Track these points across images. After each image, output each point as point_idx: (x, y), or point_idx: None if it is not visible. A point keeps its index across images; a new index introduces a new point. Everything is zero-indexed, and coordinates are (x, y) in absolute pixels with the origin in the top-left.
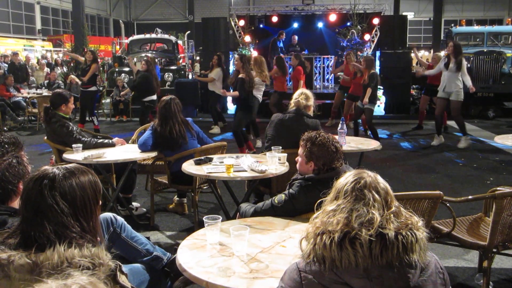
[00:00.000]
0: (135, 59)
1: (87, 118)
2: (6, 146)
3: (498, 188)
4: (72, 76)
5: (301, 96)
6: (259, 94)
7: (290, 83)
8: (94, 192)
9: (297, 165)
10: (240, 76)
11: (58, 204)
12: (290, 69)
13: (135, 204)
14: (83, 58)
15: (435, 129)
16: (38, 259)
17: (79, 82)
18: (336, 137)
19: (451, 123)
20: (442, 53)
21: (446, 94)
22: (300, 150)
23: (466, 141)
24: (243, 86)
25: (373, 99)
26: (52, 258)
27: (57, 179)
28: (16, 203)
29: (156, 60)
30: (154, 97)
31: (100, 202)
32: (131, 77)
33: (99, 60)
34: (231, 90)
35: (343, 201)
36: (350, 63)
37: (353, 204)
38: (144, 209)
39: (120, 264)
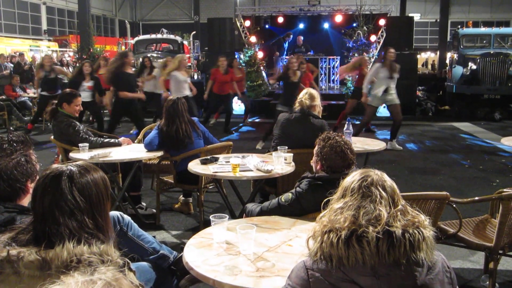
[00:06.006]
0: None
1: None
2: (15, 144)
3: (504, 190)
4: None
5: (305, 96)
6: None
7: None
8: (105, 188)
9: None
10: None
11: (76, 200)
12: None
13: (144, 203)
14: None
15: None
16: (48, 256)
17: None
18: (346, 138)
19: (459, 124)
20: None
21: None
22: (315, 147)
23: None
24: None
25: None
26: (61, 255)
27: (75, 176)
28: (24, 201)
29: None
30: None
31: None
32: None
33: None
34: None
35: (350, 199)
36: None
37: (360, 202)
38: (154, 210)
39: (129, 261)
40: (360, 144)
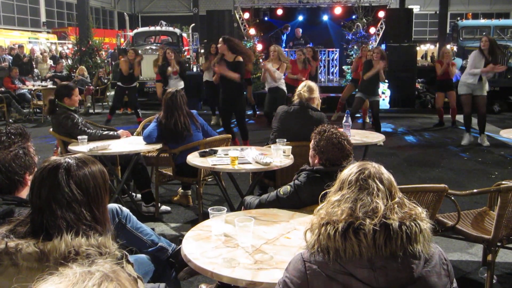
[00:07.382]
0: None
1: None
2: (13, 137)
3: (503, 182)
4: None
5: (304, 88)
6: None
7: None
8: (103, 181)
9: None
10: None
11: (73, 192)
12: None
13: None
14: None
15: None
16: (46, 248)
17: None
18: (341, 130)
19: (458, 117)
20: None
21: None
22: (311, 141)
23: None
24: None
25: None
26: (59, 247)
27: (72, 168)
28: (22, 194)
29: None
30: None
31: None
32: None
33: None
34: None
35: (348, 191)
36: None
37: (357, 194)
38: (169, 208)
39: (127, 253)
40: (359, 136)
